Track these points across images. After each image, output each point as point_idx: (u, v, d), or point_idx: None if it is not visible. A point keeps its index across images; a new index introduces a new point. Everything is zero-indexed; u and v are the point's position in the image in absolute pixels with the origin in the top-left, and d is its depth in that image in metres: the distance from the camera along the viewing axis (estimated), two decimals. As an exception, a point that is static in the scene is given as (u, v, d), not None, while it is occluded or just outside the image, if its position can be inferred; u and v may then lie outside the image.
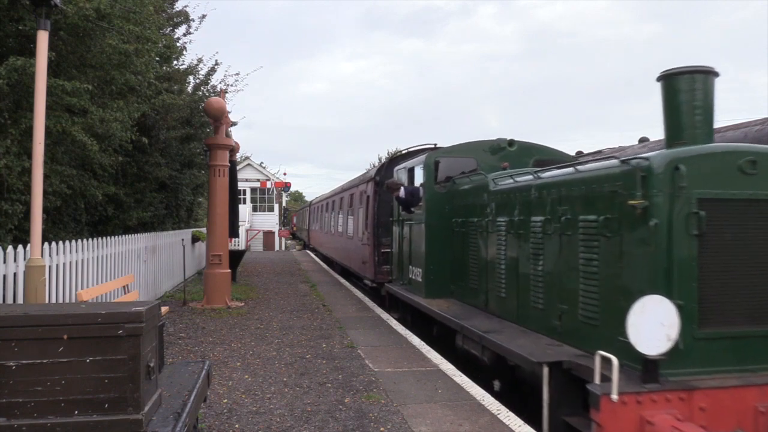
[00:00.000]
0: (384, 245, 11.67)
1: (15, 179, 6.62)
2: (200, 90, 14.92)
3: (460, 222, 7.92)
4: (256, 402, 5.49)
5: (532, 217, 5.91)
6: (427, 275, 8.33)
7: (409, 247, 9.17)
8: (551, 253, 5.53)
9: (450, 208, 8.26)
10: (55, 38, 6.90)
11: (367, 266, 12.78)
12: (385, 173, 11.85)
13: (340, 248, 17.94)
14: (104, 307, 3.08)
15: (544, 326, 5.60)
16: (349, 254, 15.99)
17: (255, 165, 42.32)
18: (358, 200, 14.49)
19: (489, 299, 7.01)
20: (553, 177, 5.74)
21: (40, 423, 2.72)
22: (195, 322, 9.58)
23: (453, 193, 8.27)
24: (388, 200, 11.04)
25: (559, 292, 5.37)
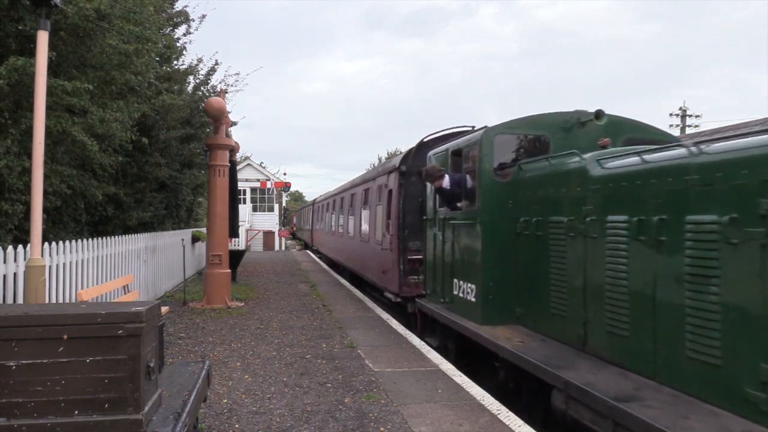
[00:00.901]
0: (411, 251, 9.60)
1: (15, 179, 6.62)
2: (200, 90, 14.93)
3: (532, 222, 5.90)
4: (256, 402, 5.49)
5: (690, 215, 3.90)
6: (484, 293, 6.31)
7: (452, 254, 7.25)
8: (742, 275, 3.49)
9: (515, 203, 6.27)
10: (56, 38, 6.90)
11: (389, 276, 10.43)
12: (414, 161, 9.74)
13: (351, 253, 15.60)
14: (104, 307, 3.09)
15: (726, 394, 3.53)
16: (363, 261, 13.58)
17: (255, 165, 42.31)
18: (376, 196, 12.28)
19: (590, 334, 4.98)
20: (738, 149, 3.64)
21: (40, 423, 2.72)
22: (195, 322, 9.58)
23: (519, 182, 6.25)
24: (416, 195, 9.47)
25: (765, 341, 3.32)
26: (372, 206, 12.66)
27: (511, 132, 6.71)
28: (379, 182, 12.03)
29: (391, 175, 10.89)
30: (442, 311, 7.42)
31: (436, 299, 7.91)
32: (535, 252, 5.88)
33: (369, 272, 12.72)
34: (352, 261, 15.55)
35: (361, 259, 13.79)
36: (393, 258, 10.10)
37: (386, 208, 10.91)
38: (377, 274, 11.63)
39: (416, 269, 9.43)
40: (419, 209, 9.30)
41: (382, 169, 12.29)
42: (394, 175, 10.53)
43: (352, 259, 15.54)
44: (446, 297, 7.42)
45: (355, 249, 14.89)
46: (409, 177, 9.81)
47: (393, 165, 10.75)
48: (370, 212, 12.80)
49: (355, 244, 14.87)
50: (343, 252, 17.33)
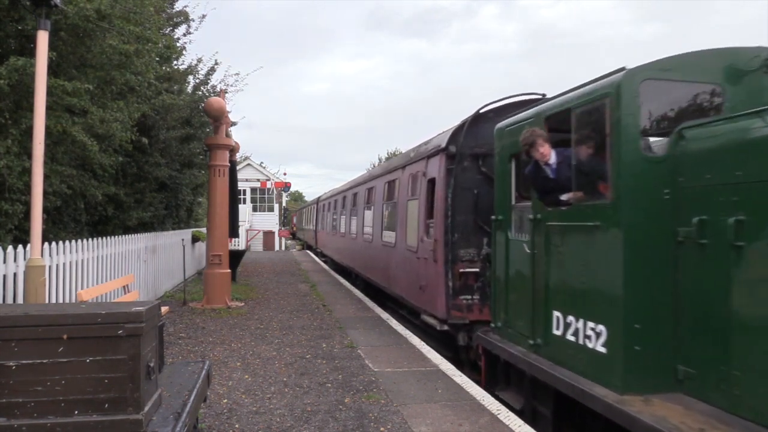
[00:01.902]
0: (464, 261, 7.36)
1: (15, 179, 6.63)
2: (200, 90, 14.94)
3: (716, 225, 3.68)
4: (256, 402, 5.49)
5: None
6: (626, 341, 4.05)
7: (550, 272, 4.98)
8: None
9: (674, 194, 4.04)
10: (56, 38, 6.91)
11: (430, 295, 7.94)
12: (466, 140, 7.47)
13: (369, 260, 12.89)
14: (104, 307, 3.09)
15: None
16: (386, 271, 10.91)
17: (255, 165, 42.31)
18: (407, 188, 9.70)
19: None
20: None
21: (40, 423, 2.72)
22: (195, 322, 9.58)
23: (682, 159, 4.03)
24: (469, 185, 7.38)
25: None
26: (400, 202, 10.11)
27: (666, 77, 4.33)
28: (411, 171, 9.44)
29: (432, 160, 8.21)
30: (531, 358, 5.14)
31: (516, 337, 5.63)
32: (720, 275, 3.64)
33: (396, 286, 10.08)
34: (369, 269, 12.96)
35: (384, 268, 11.13)
36: (437, 271, 7.57)
37: (425, 203, 8.37)
38: (410, 290, 9.12)
39: (470, 286, 7.29)
40: (474, 205, 7.35)
41: (416, 153, 9.37)
42: (438, 159, 7.85)
43: (369, 267, 12.97)
44: (536, 337, 5.14)
45: (374, 255, 12.24)
46: (460, 161, 7.43)
47: (436, 145, 8.08)
48: (398, 210, 10.21)
49: (374, 250, 12.22)
50: (357, 258, 14.86)
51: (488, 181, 6.96)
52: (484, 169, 7.36)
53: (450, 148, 7.56)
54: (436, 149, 8.05)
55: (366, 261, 13.54)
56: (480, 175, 7.37)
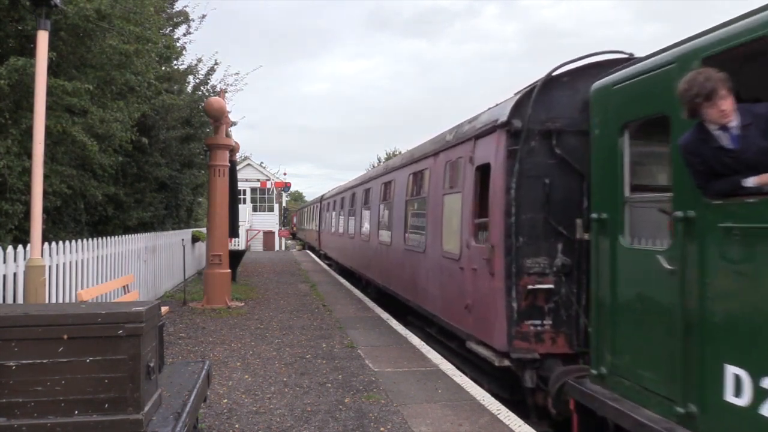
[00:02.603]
0: (531, 274, 5.58)
1: (15, 179, 6.63)
2: (200, 90, 14.95)
3: None
4: (256, 402, 5.49)
5: None
6: None
7: (714, 302, 3.40)
8: None
9: None
10: (56, 38, 6.91)
11: (484, 318, 6.06)
12: (536, 112, 5.66)
13: (388, 267, 10.95)
14: (104, 307, 3.09)
15: None
16: (414, 282, 9.00)
17: (255, 165, 42.33)
18: (444, 180, 7.75)
19: None
20: None
21: (40, 423, 2.72)
22: (195, 322, 9.58)
23: None
24: (540, 173, 5.60)
25: None
26: (432, 197, 8.24)
27: None
28: (449, 157, 7.59)
29: (484, 140, 6.35)
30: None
31: (639, 395, 4.01)
32: None
33: (426, 301, 8.28)
34: (387, 278, 11.10)
35: (408, 278, 9.34)
36: (493, 286, 5.78)
37: (471, 198, 6.59)
38: (448, 309, 7.28)
39: (540, 308, 5.57)
40: (544, 199, 5.58)
41: (456, 135, 7.45)
42: (494, 139, 6.00)
43: (387, 275, 11.11)
44: (687, 401, 3.52)
45: (394, 262, 10.45)
46: (527, 140, 5.62)
47: (491, 121, 6.13)
48: (429, 207, 8.37)
49: (394, 256, 10.45)
50: (370, 263, 13.05)
51: (563, 167, 5.59)
52: (558, 151, 5.59)
53: (513, 122, 5.67)
54: (491, 125, 6.11)
55: (382, 268, 11.57)
56: (552, 159, 5.63)
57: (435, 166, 8.26)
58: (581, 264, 5.47)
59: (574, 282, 5.54)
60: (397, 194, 10.64)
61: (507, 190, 5.66)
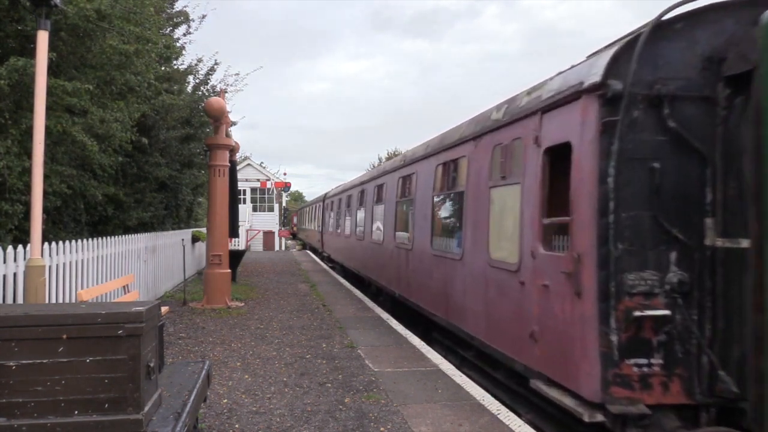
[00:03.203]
0: (635, 294, 4.21)
1: (15, 179, 6.63)
2: (200, 90, 14.95)
3: None
4: (256, 402, 5.49)
5: None
6: None
7: None
8: None
9: None
10: (56, 38, 6.91)
11: (563, 352, 4.61)
12: (643, 68, 4.24)
13: (408, 275, 9.51)
14: (104, 307, 3.09)
15: None
16: (445, 295, 7.56)
17: (255, 165, 42.32)
18: (490, 169, 6.26)
19: None
20: None
21: (40, 423, 2.72)
22: (195, 322, 9.58)
23: None
24: (647, 154, 4.27)
25: None
26: (472, 191, 6.74)
27: None
28: (498, 140, 6.08)
29: (559, 112, 4.82)
30: None
31: None
32: None
33: (463, 318, 6.89)
34: (408, 287, 9.56)
35: (438, 289, 7.88)
36: (580, 310, 4.34)
37: (538, 190, 5.05)
38: (500, 334, 5.87)
39: (647, 342, 4.17)
40: (654, 192, 4.22)
41: (508, 110, 5.93)
42: (578, 108, 4.52)
43: (408, 283, 9.56)
44: None
45: (417, 269, 8.95)
46: (629, 110, 4.22)
47: (574, 83, 4.60)
48: (467, 204, 6.88)
49: (417, 261, 8.94)
50: (384, 269, 11.48)
51: (678, 146, 4.21)
52: (671, 124, 4.20)
53: (611, 83, 4.20)
54: (571, 91, 4.57)
55: (400, 275, 10.02)
56: (663, 135, 4.23)
57: (476, 152, 6.65)
58: (704, 281, 4.13)
59: (694, 305, 4.15)
60: (420, 189, 9.00)
61: (601, 177, 4.19)
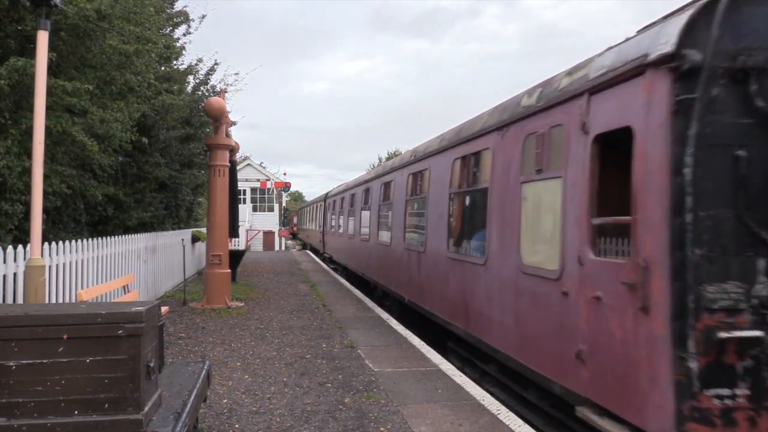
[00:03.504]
0: (717, 310, 3.43)
1: (15, 179, 6.64)
2: (200, 90, 14.97)
3: None
4: (256, 402, 5.49)
5: None
6: None
7: None
8: None
9: None
10: (56, 38, 6.92)
11: (622, 376, 3.82)
12: (724, 35, 3.46)
13: (422, 281, 8.67)
14: (104, 307, 3.09)
15: None
16: (467, 302, 6.79)
17: (255, 165, 42.36)
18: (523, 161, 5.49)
19: None
20: None
21: (40, 423, 2.72)
22: (195, 322, 9.58)
23: None
24: (729, 140, 3.50)
25: None
26: (497, 188, 5.98)
27: None
28: (528, 128, 5.39)
29: (612, 93, 4.14)
30: None
31: None
32: None
33: (487, 329, 6.16)
34: (419, 292, 8.80)
35: (455, 296, 7.13)
36: (647, 329, 3.63)
37: (586, 185, 4.36)
38: (535, 349, 5.13)
39: (730, 368, 3.45)
40: (739, 187, 3.50)
41: (546, 92, 5.18)
42: (644, 85, 3.77)
43: (419, 289, 8.79)
44: None
45: (430, 273, 8.24)
46: (708, 86, 3.50)
47: (635, 56, 3.86)
48: (493, 201, 6.10)
49: (430, 265, 8.23)
50: (391, 272, 10.76)
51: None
52: (761, 104, 3.49)
53: (687, 54, 3.48)
54: (633, 65, 3.85)
55: (411, 279, 9.28)
56: (751, 117, 3.51)
57: (503, 144, 5.89)
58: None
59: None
60: (434, 187, 8.25)
61: (675, 168, 3.46)
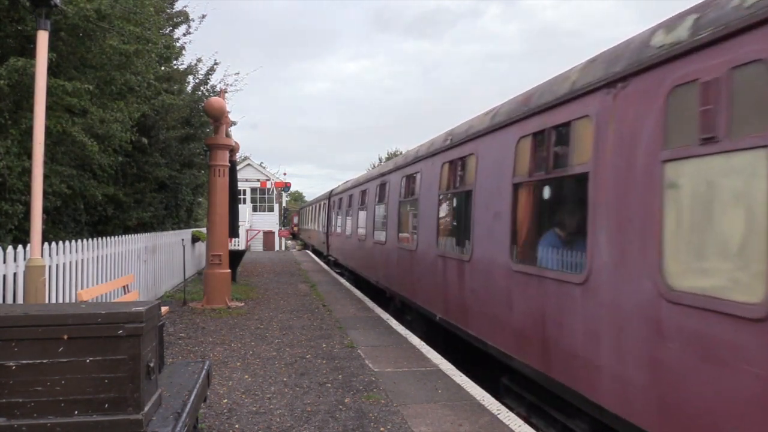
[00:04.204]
0: None
1: (15, 179, 6.64)
2: (200, 90, 14.98)
3: None
4: (256, 402, 5.49)
5: None
6: None
7: None
8: None
9: None
10: (56, 39, 6.92)
11: None
12: None
13: (465, 296, 6.80)
14: (104, 307, 3.09)
15: None
16: (546, 339, 4.87)
17: (255, 165, 42.37)
18: (665, 126, 3.56)
19: None
20: None
21: (40, 423, 2.72)
22: (195, 322, 9.58)
23: None
24: None
25: None
26: (610, 174, 4.17)
27: None
28: (669, 79, 3.61)
29: None
30: None
31: None
32: None
33: (598, 384, 4.15)
34: (461, 312, 6.92)
35: (527, 325, 5.27)
36: None
37: None
38: (701, 423, 3.17)
39: None
40: None
41: (715, 11, 3.34)
42: None
43: (461, 308, 6.91)
44: None
45: (486, 290, 6.23)
46: None
47: None
48: (600, 195, 4.27)
49: (485, 279, 6.27)
50: (418, 284, 8.76)
51: None
52: None
53: None
54: None
55: (447, 294, 7.44)
56: None
57: (618, 106, 4.10)
58: None
59: None
60: (483, 177, 6.44)
61: None
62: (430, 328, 8.51)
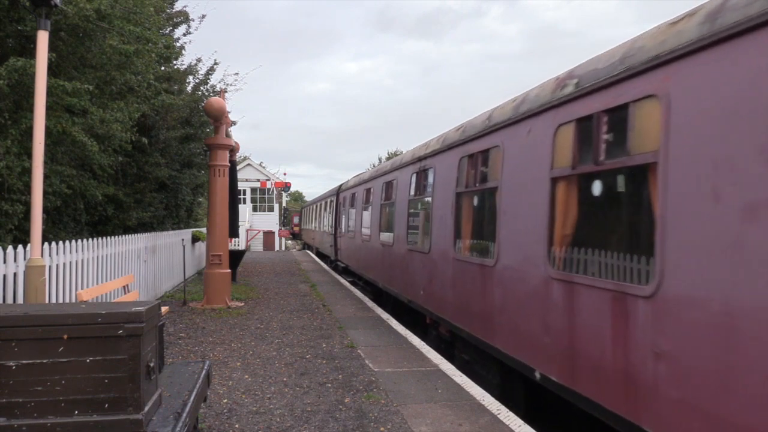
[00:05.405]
0: None
1: (15, 179, 6.64)
2: (200, 90, 14.98)
3: None
4: (256, 402, 5.49)
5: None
6: None
7: None
8: None
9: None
10: (56, 39, 6.92)
11: None
12: None
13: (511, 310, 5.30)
14: (104, 307, 3.09)
15: None
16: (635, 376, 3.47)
17: (255, 165, 42.37)
18: None
19: None
20: None
21: (40, 423, 2.72)
22: (195, 322, 9.58)
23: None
24: None
25: None
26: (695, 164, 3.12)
27: None
28: None
29: None
30: None
31: None
32: None
33: None
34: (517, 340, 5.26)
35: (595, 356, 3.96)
36: None
37: None
38: None
39: None
40: None
41: None
42: None
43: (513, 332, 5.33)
44: None
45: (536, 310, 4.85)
46: None
47: None
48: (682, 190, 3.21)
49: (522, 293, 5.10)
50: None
51: None
52: None
53: None
54: None
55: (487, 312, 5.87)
56: None
57: None
58: None
59: None
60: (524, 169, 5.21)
61: None
62: (480, 357, 6.32)
